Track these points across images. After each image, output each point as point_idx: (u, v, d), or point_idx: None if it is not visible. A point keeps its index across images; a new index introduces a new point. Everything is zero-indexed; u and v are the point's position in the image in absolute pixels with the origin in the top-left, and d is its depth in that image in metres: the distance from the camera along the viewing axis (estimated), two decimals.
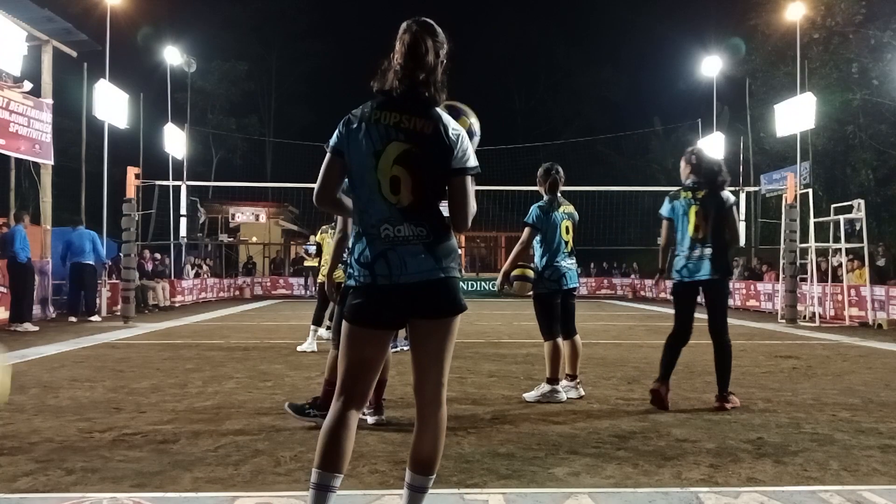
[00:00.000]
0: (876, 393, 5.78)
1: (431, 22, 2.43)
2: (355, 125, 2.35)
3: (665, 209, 5.30)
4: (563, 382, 5.40)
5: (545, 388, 5.32)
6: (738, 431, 4.32)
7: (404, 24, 2.41)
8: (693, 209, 5.12)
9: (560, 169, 5.60)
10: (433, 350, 2.36)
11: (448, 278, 2.33)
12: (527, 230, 5.39)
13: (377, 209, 2.32)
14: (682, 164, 5.37)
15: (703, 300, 5.19)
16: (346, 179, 2.40)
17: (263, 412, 4.81)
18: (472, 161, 2.40)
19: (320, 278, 8.52)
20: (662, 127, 35.45)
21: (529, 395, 5.36)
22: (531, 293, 5.39)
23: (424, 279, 2.30)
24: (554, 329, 5.35)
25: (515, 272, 5.32)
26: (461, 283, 2.43)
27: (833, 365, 7.56)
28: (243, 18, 40.02)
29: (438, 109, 2.39)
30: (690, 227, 5.12)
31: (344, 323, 2.39)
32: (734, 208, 5.29)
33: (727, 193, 5.23)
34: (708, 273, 5.06)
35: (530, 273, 5.33)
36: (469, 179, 2.39)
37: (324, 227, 8.33)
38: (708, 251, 5.08)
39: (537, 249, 5.46)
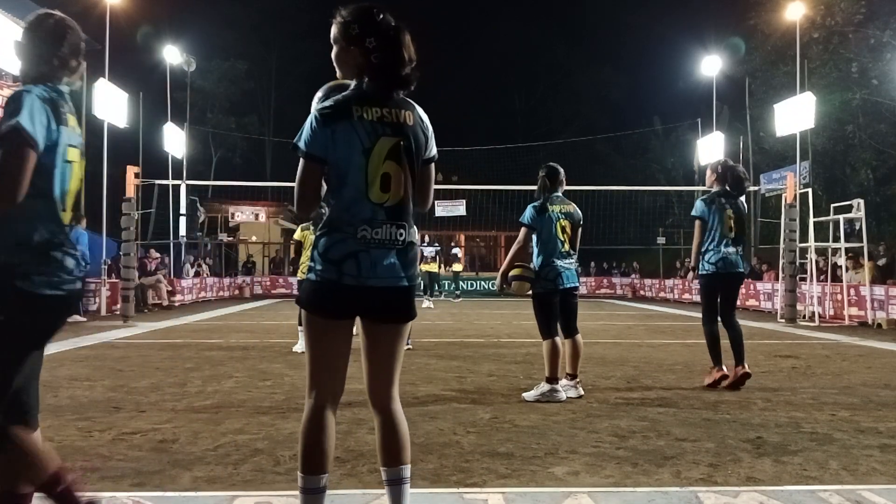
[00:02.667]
0: (875, 392, 5.78)
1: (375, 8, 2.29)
2: (337, 123, 2.21)
3: (699, 211, 6.05)
4: (563, 381, 5.40)
5: (544, 387, 5.32)
6: (737, 431, 4.32)
7: (377, 16, 2.27)
8: (728, 211, 5.97)
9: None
10: (387, 351, 2.38)
11: (410, 287, 2.35)
12: (522, 230, 5.42)
13: (359, 210, 2.24)
14: (709, 172, 6.24)
15: (720, 290, 6.03)
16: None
17: (263, 411, 4.81)
18: (435, 147, 2.47)
19: (299, 276, 8.36)
20: (662, 127, 35.46)
21: (529, 395, 5.36)
22: (530, 292, 5.40)
23: (390, 285, 2.28)
24: (552, 328, 5.35)
25: (513, 272, 5.34)
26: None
27: (832, 364, 7.57)
28: (243, 18, 39.92)
29: (404, 97, 2.35)
30: (726, 228, 5.94)
31: (306, 316, 2.33)
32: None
33: (742, 200, 6.14)
34: (740, 267, 6.02)
35: (529, 273, 5.34)
36: (433, 165, 2.46)
37: (304, 224, 8.23)
38: (740, 248, 6.02)
39: (535, 249, 5.47)
